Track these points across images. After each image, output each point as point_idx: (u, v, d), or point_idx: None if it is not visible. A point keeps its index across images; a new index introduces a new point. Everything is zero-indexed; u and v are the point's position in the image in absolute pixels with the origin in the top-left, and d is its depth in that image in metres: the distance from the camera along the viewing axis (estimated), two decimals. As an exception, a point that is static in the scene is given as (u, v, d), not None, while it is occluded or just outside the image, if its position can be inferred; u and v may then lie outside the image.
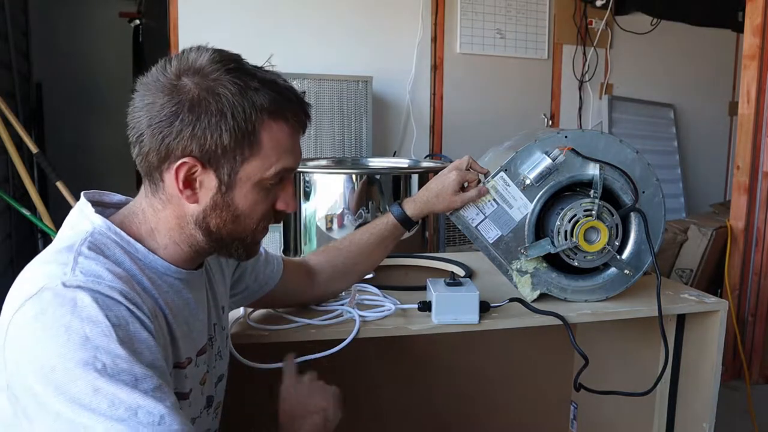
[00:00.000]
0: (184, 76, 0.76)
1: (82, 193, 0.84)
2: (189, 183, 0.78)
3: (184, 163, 0.76)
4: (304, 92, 0.85)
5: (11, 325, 0.69)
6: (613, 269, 1.26)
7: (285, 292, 1.14)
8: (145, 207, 0.82)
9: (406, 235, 1.25)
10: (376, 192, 2.25)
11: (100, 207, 0.83)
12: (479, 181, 1.20)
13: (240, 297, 1.09)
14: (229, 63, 0.77)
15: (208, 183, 0.78)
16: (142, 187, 0.83)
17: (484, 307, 1.16)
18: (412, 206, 1.20)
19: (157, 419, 0.66)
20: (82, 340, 0.66)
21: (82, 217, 0.80)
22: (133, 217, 0.82)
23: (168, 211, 0.81)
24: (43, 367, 0.65)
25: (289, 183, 0.85)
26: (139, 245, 0.79)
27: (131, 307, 0.71)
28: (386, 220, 1.20)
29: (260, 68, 0.80)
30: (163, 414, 0.66)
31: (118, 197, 0.87)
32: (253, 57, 0.82)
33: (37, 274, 0.72)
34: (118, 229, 0.79)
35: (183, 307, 0.83)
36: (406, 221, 1.20)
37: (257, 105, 0.76)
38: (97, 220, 0.79)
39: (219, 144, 0.75)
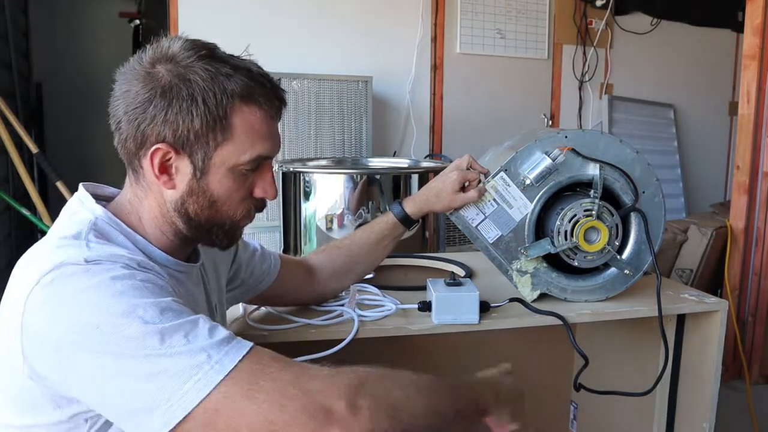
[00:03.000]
0: (158, 64, 0.77)
1: (80, 185, 0.85)
2: (165, 169, 0.79)
3: (158, 149, 0.77)
4: (280, 80, 0.85)
5: (29, 300, 0.69)
6: (613, 269, 1.26)
7: (284, 289, 1.14)
8: (131, 197, 0.83)
9: (407, 234, 1.25)
10: (376, 192, 2.24)
11: (97, 199, 0.84)
12: (480, 181, 1.20)
13: (237, 292, 1.09)
14: (202, 50, 0.78)
15: (184, 168, 0.79)
16: (127, 177, 0.84)
17: (484, 307, 1.16)
18: (412, 205, 1.20)
19: (207, 333, 0.68)
20: (116, 294, 0.67)
21: (82, 207, 0.81)
22: (122, 208, 0.83)
23: (150, 200, 0.82)
24: (86, 325, 0.66)
25: (267, 170, 0.86)
26: (137, 236, 0.81)
27: (153, 275, 0.73)
28: (386, 219, 1.20)
29: (235, 56, 0.81)
30: (210, 327, 0.68)
31: (110, 189, 0.89)
32: (253, 57, 0.83)
33: (50, 257, 0.72)
34: (117, 219, 0.80)
35: (186, 297, 0.84)
36: (406, 220, 1.20)
37: (228, 90, 0.77)
38: (98, 210, 0.80)
39: (191, 129, 0.77)
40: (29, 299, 0.69)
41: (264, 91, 0.80)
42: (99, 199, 0.84)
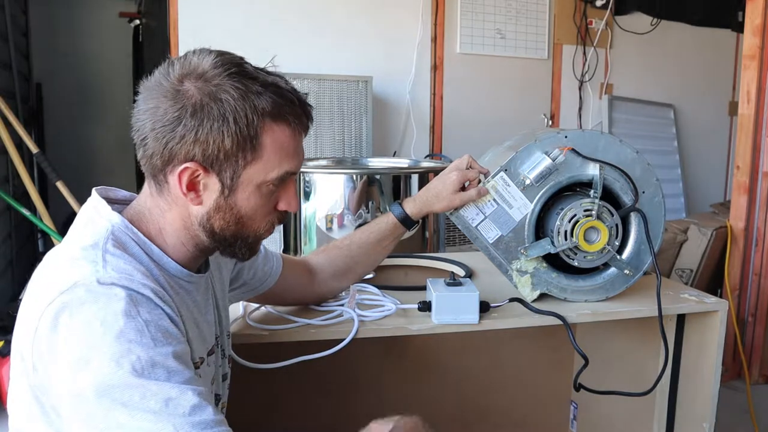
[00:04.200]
0: (187, 81, 0.76)
1: (93, 189, 0.84)
2: (193, 186, 0.79)
3: (187, 167, 0.77)
4: (307, 94, 0.85)
5: (42, 319, 0.70)
6: (613, 269, 1.26)
7: (285, 289, 1.14)
8: (151, 206, 0.83)
9: (407, 234, 1.25)
10: (376, 192, 2.24)
11: (110, 203, 0.83)
12: (479, 181, 1.20)
13: (238, 292, 1.09)
14: (231, 67, 0.77)
15: (212, 186, 0.79)
16: (146, 186, 0.84)
17: (484, 307, 1.16)
18: (412, 205, 1.20)
19: (188, 410, 0.67)
20: (117, 333, 0.67)
21: (98, 214, 0.81)
22: (141, 217, 0.83)
23: (174, 213, 0.82)
24: (79, 359, 0.66)
25: (292, 183, 0.86)
26: (153, 246, 0.81)
27: (161, 304, 0.73)
28: (387, 220, 1.20)
29: (262, 70, 0.80)
30: (194, 404, 0.67)
31: (123, 193, 0.88)
32: (253, 57, 0.83)
33: (68, 271, 0.73)
34: (134, 228, 0.80)
35: (193, 308, 0.85)
36: (406, 220, 1.20)
37: (259, 109, 0.76)
38: (115, 218, 0.80)
39: (221, 148, 0.76)
40: (41, 320, 0.70)
41: (293, 109, 0.80)
42: (112, 202, 0.84)
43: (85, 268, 0.72)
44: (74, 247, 0.77)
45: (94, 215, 0.81)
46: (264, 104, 0.77)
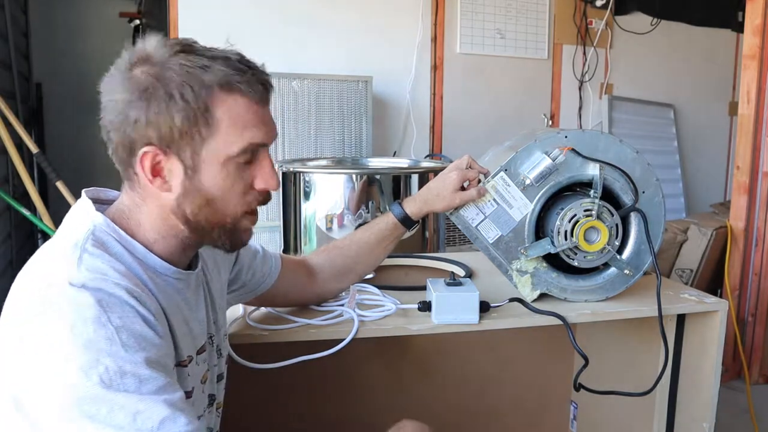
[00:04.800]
0: (135, 68, 0.76)
1: (83, 191, 0.84)
2: (157, 172, 0.78)
3: (146, 152, 0.76)
4: (264, 64, 0.82)
5: (13, 322, 0.69)
6: (613, 269, 1.26)
7: (285, 289, 1.14)
8: (129, 203, 0.82)
9: (407, 234, 1.25)
10: (376, 192, 2.24)
11: (99, 204, 0.83)
12: (479, 180, 1.20)
13: (237, 293, 1.09)
14: (176, 46, 0.76)
15: (175, 169, 0.78)
16: (123, 185, 0.83)
17: (484, 307, 1.16)
18: (412, 205, 1.20)
19: (157, 424, 0.65)
20: (85, 342, 0.65)
21: (83, 214, 0.80)
22: (122, 215, 0.81)
23: (149, 205, 0.80)
24: (46, 368, 0.65)
25: (265, 158, 0.83)
26: (137, 244, 0.79)
27: (136, 305, 0.71)
28: (387, 220, 1.20)
29: (214, 48, 0.79)
30: (164, 417, 0.65)
31: (113, 193, 0.87)
32: (253, 57, 0.82)
33: (43, 271, 0.73)
34: (116, 227, 0.79)
35: (182, 305, 0.83)
36: (406, 220, 1.19)
37: (206, 82, 0.75)
38: (98, 218, 0.79)
39: (173, 127, 0.75)
40: (13, 324, 0.70)
41: (245, 77, 0.77)
42: (103, 203, 0.84)
43: (59, 269, 0.71)
44: (55, 245, 0.77)
45: (79, 216, 0.80)
46: (211, 76, 0.75)
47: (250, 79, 0.78)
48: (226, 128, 0.77)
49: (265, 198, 0.85)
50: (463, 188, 1.19)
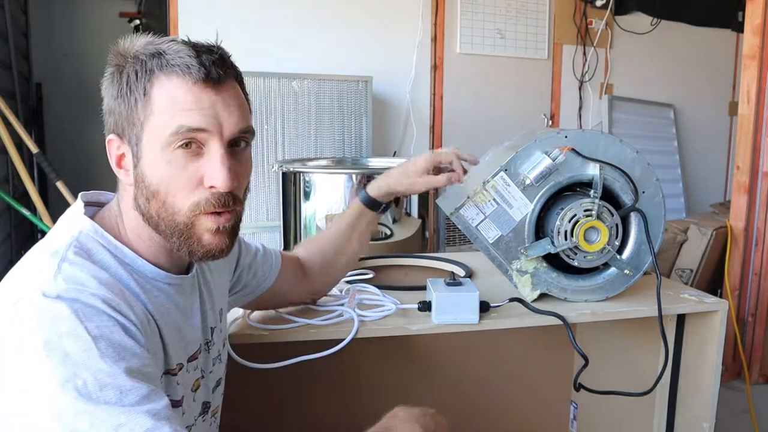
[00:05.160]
0: (110, 61, 0.77)
1: (80, 194, 0.82)
2: (119, 161, 0.78)
3: (110, 140, 0.77)
4: (220, 45, 0.77)
5: None
6: (613, 269, 1.26)
7: (283, 288, 1.12)
8: (114, 204, 0.81)
9: (380, 217, 1.22)
10: (376, 192, 2.24)
11: (98, 207, 0.81)
12: (453, 170, 1.16)
13: (238, 296, 1.08)
14: (147, 38, 0.76)
15: (128, 156, 0.77)
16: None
17: (484, 307, 1.16)
18: (375, 186, 1.17)
19: None
20: (61, 356, 0.63)
21: (70, 221, 0.78)
22: (110, 218, 0.80)
23: (124, 203, 0.79)
24: (20, 382, 0.63)
25: (215, 151, 0.74)
26: (126, 249, 0.77)
27: (114, 314, 0.68)
28: (354, 205, 1.19)
29: (177, 38, 0.77)
30: (147, 429, 0.63)
31: (110, 196, 0.85)
32: (253, 57, 0.82)
33: (19, 281, 0.70)
34: (104, 233, 0.76)
35: (174, 311, 0.81)
36: (371, 202, 1.17)
37: (149, 65, 0.74)
38: (85, 224, 0.76)
39: (122, 112, 0.75)
40: None
41: (185, 59, 0.73)
42: (102, 206, 0.82)
43: (35, 279, 0.69)
44: (37, 252, 0.74)
45: (67, 221, 0.78)
46: (155, 60, 0.74)
47: (191, 60, 0.73)
48: (159, 110, 0.73)
49: (219, 198, 0.75)
50: (439, 172, 1.16)
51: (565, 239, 1.20)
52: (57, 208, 3.06)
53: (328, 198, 2.26)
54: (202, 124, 0.73)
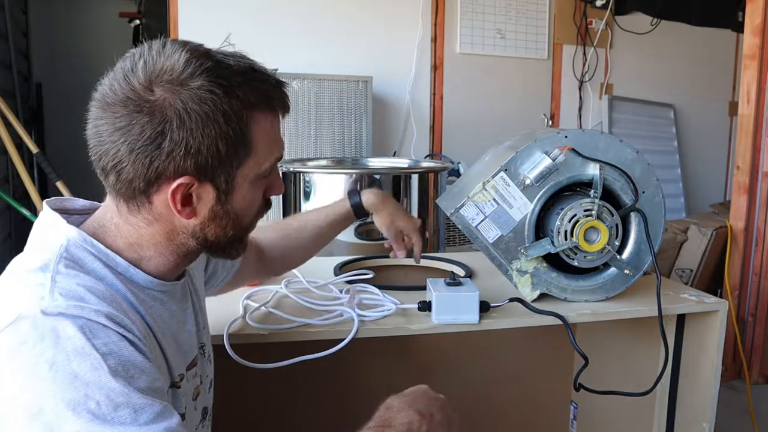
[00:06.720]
0: (157, 87, 0.67)
1: (44, 202, 0.76)
2: (187, 201, 0.72)
3: (181, 184, 0.70)
4: (276, 70, 0.82)
5: None
6: (613, 269, 1.26)
7: (243, 273, 1.12)
8: (120, 223, 0.74)
9: (356, 223, 1.34)
10: (376, 192, 2.24)
11: (65, 215, 0.75)
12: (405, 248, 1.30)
13: (209, 286, 1.06)
14: (204, 61, 0.68)
15: (205, 196, 0.73)
16: (111, 204, 0.75)
17: (484, 307, 1.16)
18: (371, 197, 1.24)
19: None
20: (70, 377, 0.59)
21: (52, 230, 0.73)
22: (106, 231, 0.74)
23: (155, 228, 0.74)
24: (29, 407, 0.59)
25: (275, 168, 0.81)
26: (119, 258, 0.73)
27: (120, 330, 0.65)
28: (342, 205, 1.24)
29: (231, 56, 0.72)
30: None
31: (81, 203, 0.80)
32: (253, 57, 0.81)
33: (12, 300, 0.65)
34: (94, 241, 0.72)
35: (169, 320, 0.78)
36: (359, 210, 1.24)
37: (245, 102, 0.70)
38: (72, 232, 0.72)
39: (215, 155, 0.69)
40: None
41: (276, 93, 0.75)
42: (69, 213, 0.77)
43: (29, 296, 0.64)
44: (23, 268, 0.68)
45: (48, 232, 0.73)
46: (251, 96, 0.70)
47: (281, 95, 0.76)
48: (259, 148, 0.74)
49: (269, 205, 0.84)
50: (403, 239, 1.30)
51: (565, 239, 1.20)
52: (57, 208, 3.06)
53: (328, 198, 2.25)
54: (283, 151, 0.80)
